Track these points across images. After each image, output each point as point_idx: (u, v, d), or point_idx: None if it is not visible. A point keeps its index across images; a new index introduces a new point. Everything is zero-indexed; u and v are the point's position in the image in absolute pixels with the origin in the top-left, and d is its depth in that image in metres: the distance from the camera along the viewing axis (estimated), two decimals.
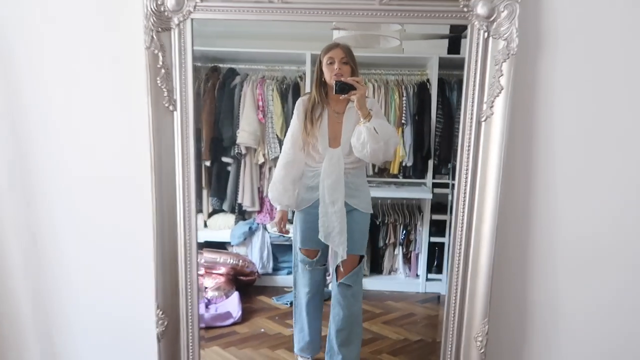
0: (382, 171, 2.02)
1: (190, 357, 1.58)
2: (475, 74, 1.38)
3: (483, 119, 1.39)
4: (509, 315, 1.64)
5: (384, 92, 1.94)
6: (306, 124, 1.77)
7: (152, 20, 1.34)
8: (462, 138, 1.43)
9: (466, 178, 1.45)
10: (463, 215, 1.47)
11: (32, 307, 1.71)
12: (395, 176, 2.02)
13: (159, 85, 1.38)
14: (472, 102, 1.39)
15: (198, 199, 1.52)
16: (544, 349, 1.66)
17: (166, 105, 1.40)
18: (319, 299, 1.95)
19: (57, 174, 1.59)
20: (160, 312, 1.51)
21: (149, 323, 1.53)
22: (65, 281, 1.68)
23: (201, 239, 1.63)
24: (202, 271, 1.93)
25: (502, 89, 1.36)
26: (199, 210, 1.65)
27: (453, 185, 1.51)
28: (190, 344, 1.57)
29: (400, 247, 2.12)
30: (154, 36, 1.35)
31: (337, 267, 1.85)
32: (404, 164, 1.99)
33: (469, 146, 1.43)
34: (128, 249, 1.62)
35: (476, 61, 1.37)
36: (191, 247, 1.50)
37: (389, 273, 2.15)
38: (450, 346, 1.56)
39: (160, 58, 1.36)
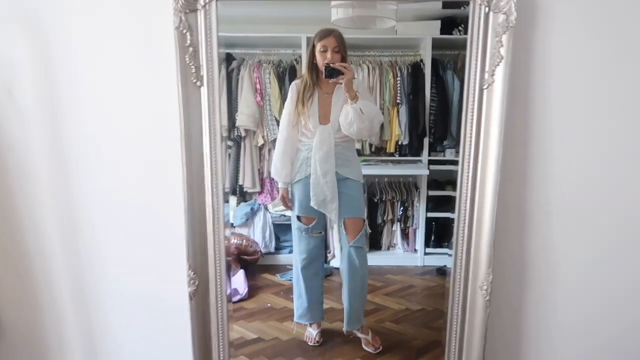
0: (379, 150, 2.12)
1: (220, 314, 1.67)
2: (477, 45, 1.48)
3: (485, 86, 1.50)
4: (510, 267, 1.74)
5: (378, 73, 2.03)
6: (298, 104, 1.92)
7: (180, 3, 1.43)
8: (466, 105, 1.52)
9: (470, 141, 1.54)
10: (468, 174, 1.57)
11: (69, 277, 1.80)
12: (392, 154, 2.12)
13: (187, 62, 1.48)
14: (475, 71, 1.49)
15: (224, 166, 1.62)
16: (541, 298, 1.77)
17: (194, 81, 1.50)
18: (317, 266, 2.10)
19: (91, 150, 1.69)
20: (192, 273, 1.61)
21: (181, 284, 1.63)
22: (101, 251, 1.78)
23: None
24: None
25: (502, 59, 1.46)
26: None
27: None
28: (219, 302, 1.67)
29: (398, 223, 2.23)
30: (182, 17, 1.44)
31: (345, 233, 2.02)
32: (400, 143, 2.10)
33: (472, 112, 1.52)
34: (160, 214, 1.72)
35: (478, 34, 1.47)
36: (219, 210, 1.60)
37: (388, 249, 2.26)
38: (457, 296, 1.66)
39: (188, 37, 1.46)
